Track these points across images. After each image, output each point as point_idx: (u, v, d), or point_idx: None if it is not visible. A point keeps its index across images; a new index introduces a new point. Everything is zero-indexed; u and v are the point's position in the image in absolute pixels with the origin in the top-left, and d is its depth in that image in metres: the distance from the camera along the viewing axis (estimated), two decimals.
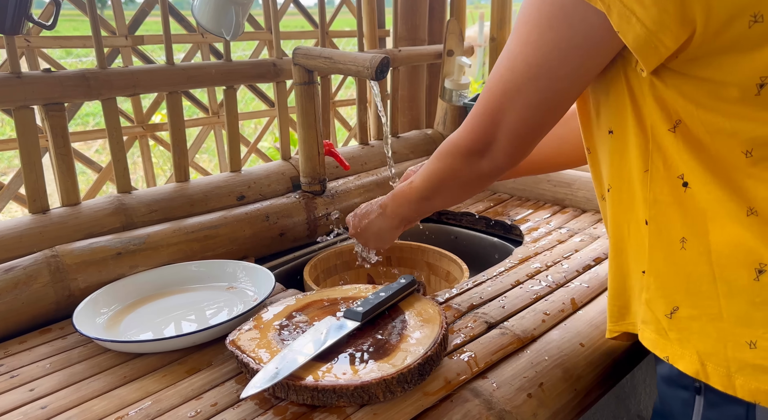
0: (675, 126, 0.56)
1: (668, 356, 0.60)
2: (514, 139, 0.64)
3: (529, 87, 0.59)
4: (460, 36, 1.54)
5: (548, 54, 0.56)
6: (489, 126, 0.64)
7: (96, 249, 0.92)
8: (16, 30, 0.89)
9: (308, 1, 6.06)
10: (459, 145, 0.69)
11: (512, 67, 0.60)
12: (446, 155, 0.72)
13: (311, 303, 0.82)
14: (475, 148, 0.67)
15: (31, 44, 1.57)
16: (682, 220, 0.58)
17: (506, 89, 0.61)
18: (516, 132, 0.63)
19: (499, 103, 0.62)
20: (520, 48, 0.58)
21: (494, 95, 0.62)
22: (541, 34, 0.56)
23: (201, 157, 4.07)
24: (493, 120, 0.63)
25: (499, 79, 0.62)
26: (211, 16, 1.06)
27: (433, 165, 0.75)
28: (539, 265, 1.00)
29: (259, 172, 1.23)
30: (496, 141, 0.65)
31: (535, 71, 0.58)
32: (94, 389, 0.70)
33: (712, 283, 0.56)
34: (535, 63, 0.57)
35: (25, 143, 0.95)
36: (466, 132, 0.68)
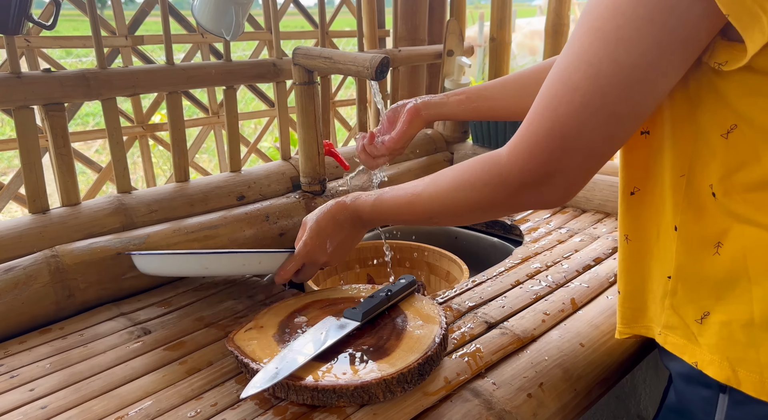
0: (728, 131, 0.53)
1: (697, 362, 0.59)
2: (588, 165, 0.54)
3: (618, 95, 0.50)
4: (460, 36, 1.54)
5: (647, 51, 0.48)
6: (557, 152, 0.53)
7: (96, 249, 0.92)
8: (16, 30, 0.89)
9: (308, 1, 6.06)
10: (510, 176, 0.57)
11: (595, 72, 0.50)
12: (486, 186, 0.60)
13: (311, 303, 0.82)
14: (533, 180, 0.56)
15: (31, 44, 1.57)
16: (714, 226, 0.56)
17: (586, 101, 0.51)
18: (591, 155, 0.53)
19: (575, 119, 0.52)
20: (605, 49, 0.49)
21: (566, 111, 0.52)
22: (639, 28, 0.48)
23: (201, 157, 4.07)
24: (564, 144, 0.53)
25: (572, 90, 0.51)
26: (211, 16, 1.06)
27: (462, 193, 0.63)
28: (539, 265, 1.00)
29: (259, 172, 1.23)
30: (564, 170, 0.54)
31: (627, 74, 0.49)
32: (94, 389, 0.70)
33: (747, 289, 0.55)
34: (629, 63, 0.49)
35: (25, 143, 0.95)
36: (521, 160, 0.56)
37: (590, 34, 0.51)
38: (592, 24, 0.51)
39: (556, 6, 1.49)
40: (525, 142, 0.55)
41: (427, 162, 1.44)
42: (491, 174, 0.59)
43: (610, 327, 0.82)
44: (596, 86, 0.50)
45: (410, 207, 0.70)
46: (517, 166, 0.56)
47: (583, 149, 0.53)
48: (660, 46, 0.48)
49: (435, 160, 1.48)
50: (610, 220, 1.21)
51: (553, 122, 0.53)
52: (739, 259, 0.55)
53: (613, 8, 0.49)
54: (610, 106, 0.51)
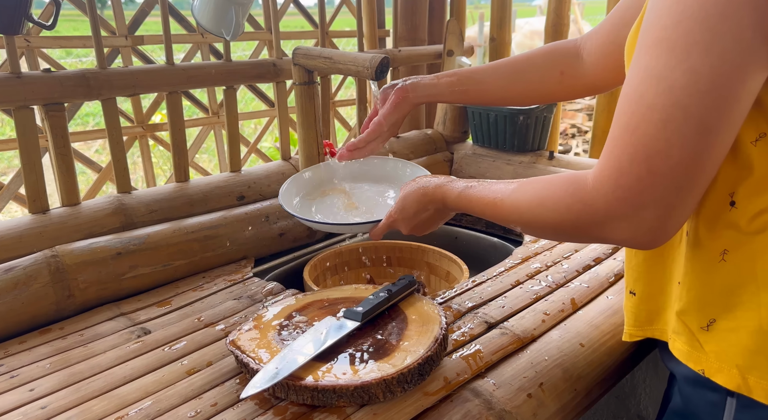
0: (758, 139, 0.50)
1: (704, 370, 0.58)
2: (683, 189, 0.48)
3: (701, 104, 0.45)
4: (459, 36, 1.54)
5: (725, 51, 0.44)
6: (645, 177, 0.47)
7: (96, 249, 0.92)
8: (16, 30, 0.89)
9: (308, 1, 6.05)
10: (594, 205, 0.52)
11: (669, 85, 0.45)
12: (568, 211, 0.55)
13: (311, 303, 0.82)
14: (622, 212, 0.50)
15: (31, 44, 1.57)
16: (723, 233, 0.55)
17: (666, 116, 0.46)
18: (687, 176, 0.47)
19: (659, 139, 0.46)
20: (674, 59, 0.45)
21: (646, 131, 0.47)
22: (712, 27, 0.43)
23: (201, 157, 4.07)
24: (651, 167, 0.47)
25: (648, 108, 0.47)
26: (211, 16, 1.06)
27: (542, 211, 0.58)
28: (539, 265, 1.00)
29: (259, 172, 1.23)
30: (657, 197, 0.48)
31: (708, 79, 0.44)
32: (94, 389, 0.70)
33: (755, 294, 0.54)
34: (706, 69, 0.44)
35: (25, 143, 0.95)
36: (607, 188, 0.50)
37: (656, 46, 0.47)
38: (657, 35, 0.47)
39: (556, 6, 1.49)
40: (610, 169, 0.50)
41: (427, 162, 1.44)
42: (575, 198, 0.54)
43: (610, 327, 0.82)
44: (673, 99, 0.46)
45: (492, 209, 0.67)
46: (602, 194, 0.51)
47: (675, 172, 0.47)
48: (741, 42, 0.44)
49: (435, 160, 1.48)
50: None
51: (635, 146, 0.48)
52: (748, 265, 0.54)
53: (678, 13, 0.45)
54: (695, 118, 0.45)
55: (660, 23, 0.47)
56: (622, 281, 0.94)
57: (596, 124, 1.53)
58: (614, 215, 0.51)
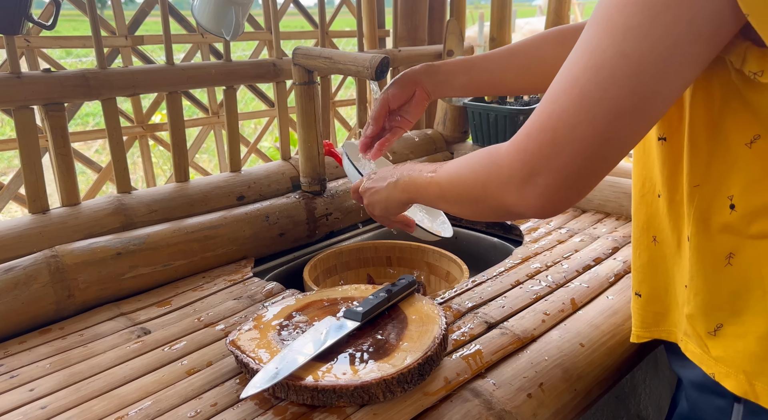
0: (752, 141, 0.50)
1: (714, 373, 0.58)
2: (580, 168, 0.49)
3: (621, 88, 0.45)
4: (459, 36, 1.54)
5: (657, 43, 0.43)
6: (547, 146, 0.49)
7: (96, 249, 0.92)
8: (16, 30, 0.89)
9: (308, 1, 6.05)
10: (500, 167, 0.54)
11: (598, 63, 0.46)
12: (482, 170, 0.57)
13: (311, 303, 0.82)
14: (519, 173, 0.52)
15: (31, 44, 1.57)
16: (727, 238, 0.54)
17: (584, 93, 0.46)
18: (585, 155, 0.48)
19: (569, 113, 0.47)
20: (611, 39, 0.45)
21: (562, 104, 0.48)
22: (652, 16, 0.43)
23: (201, 157, 4.07)
24: (555, 137, 0.48)
25: (572, 81, 0.47)
26: (211, 16, 1.06)
27: (465, 175, 0.61)
28: (539, 265, 1.00)
29: (259, 172, 1.23)
30: (551, 167, 0.49)
31: (634, 66, 0.44)
32: (94, 389, 0.70)
33: (762, 299, 0.53)
34: (635, 55, 0.44)
35: (25, 143, 0.95)
36: (514, 150, 0.52)
37: (599, 22, 0.47)
38: (602, 12, 0.47)
39: (556, 6, 1.49)
40: (522, 132, 0.52)
41: (427, 162, 1.44)
42: (490, 159, 0.56)
43: (610, 327, 0.82)
44: (597, 78, 0.46)
45: (428, 185, 0.68)
46: (509, 157, 0.53)
47: (575, 147, 0.48)
48: (673, 37, 0.43)
49: (435, 160, 1.48)
50: (610, 220, 1.21)
51: (550, 113, 0.49)
52: (754, 269, 0.54)
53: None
54: (611, 101, 0.46)
55: (606, 2, 0.47)
56: (622, 281, 0.94)
57: None
58: (514, 177, 0.52)
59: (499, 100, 1.53)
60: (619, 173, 1.31)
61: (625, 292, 0.91)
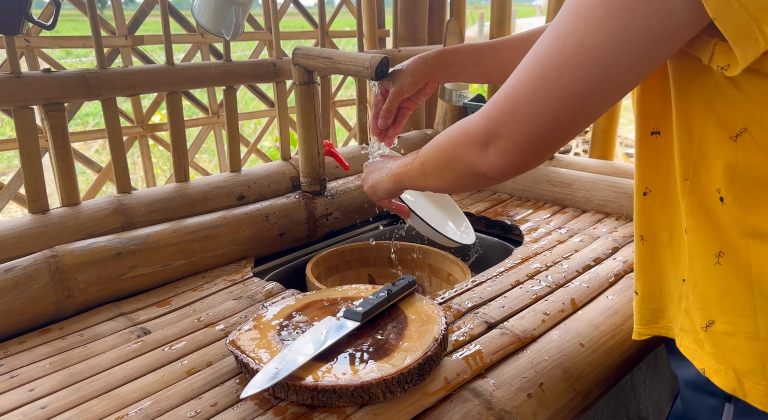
0: (738, 134, 0.51)
1: (705, 369, 0.58)
2: (533, 139, 0.54)
3: (574, 73, 0.49)
4: (459, 36, 1.54)
5: (612, 36, 0.47)
6: (507, 115, 0.54)
7: (96, 249, 0.92)
8: (16, 30, 0.89)
9: (308, 1, 6.06)
10: (468, 128, 0.60)
11: (558, 48, 0.50)
12: (454, 135, 0.63)
13: (311, 303, 0.82)
14: (482, 136, 0.57)
15: (31, 44, 1.57)
16: (718, 234, 0.55)
17: (543, 74, 0.51)
18: (538, 128, 0.53)
19: (528, 89, 0.52)
20: (573, 27, 0.49)
21: (524, 80, 0.53)
22: (609, 11, 0.46)
23: (201, 157, 4.07)
24: (514, 108, 0.54)
25: (535, 61, 0.52)
26: (211, 16, 1.06)
27: (441, 142, 0.66)
28: (539, 265, 1.00)
29: (259, 172, 1.23)
30: (508, 134, 0.55)
31: (588, 55, 0.48)
32: (94, 389, 0.70)
33: (750, 300, 0.54)
34: (591, 45, 0.48)
35: (25, 143, 0.95)
36: (480, 116, 0.58)
37: (566, 9, 0.51)
38: (571, 0, 0.50)
39: (556, 6, 1.49)
40: (490, 101, 0.57)
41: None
42: (461, 125, 0.61)
43: (610, 327, 0.82)
44: (555, 61, 0.50)
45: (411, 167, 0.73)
46: (475, 121, 0.58)
47: (530, 120, 0.53)
48: (627, 32, 0.47)
49: None
50: (610, 220, 1.21)
51: (512, 86, 0.54)
52: (743, 270, 0.54)
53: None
54: (564, 84, 0.50)
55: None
56: (622, 281, 0.94)
57: (596, 124, 1.53)
58: (476, 139, 0.58)
59: None
60: (619, 173, 1.31)
61: (625, 292, 0.91)
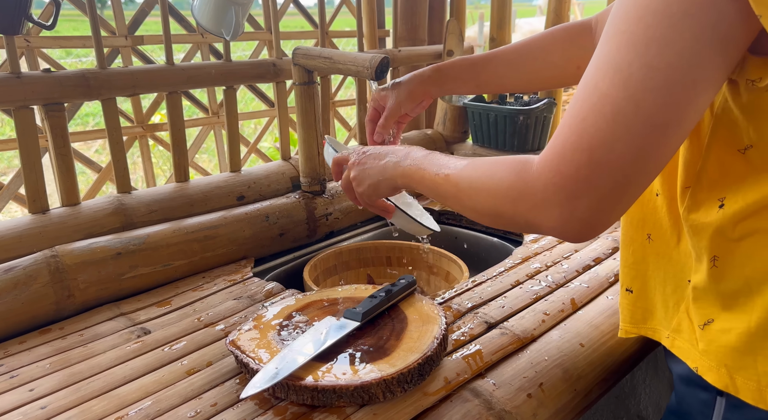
0: (746, 148, 0.51)
1: (698, 367, 0.59)
2: (622, 188, 0.47)
3: (653, 100, 0.44)
4: (459, 36, 1.54)
5: (683, 50, 0.43)
6: (584, 167, 0.47)
7: (96, 249, 0.92)
8: (16, 30, 0.89)
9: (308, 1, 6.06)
10: (535, 187, 0.51)
11: (624, 78, 0.45)
12: (511, 189, 0.54)
13: (311, 303, 0.82)
14: (557, 198, 0.49)
15: (31, 44, 1.57)
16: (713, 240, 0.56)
17: (617, 109, 0.45)
18: (626, 172, 0.47)
19: (605, 131, 0.46)
20: (634, 51, 0.45)
21: (595, 121, 0.46)
22: (673, 24, 0.43)
23: (201, 157, 4.07)
24: (592, 157, 0.46)
25: (600, 98, 0.46)
26: (211, 16, 1.06)
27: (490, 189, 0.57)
28: (539, 265, 1.00)
29: (259, 172, 1.23)
30: (592, 189, 0.48)
31: (663, 76, 0.44)
32: (93, 389, 0.70)
33: (749, 298, 0.54)
34: (663, 65, 0.43)
35: (25, 143, 0.95)
36: (548, 173, 0.50)
37: (618, 37, 0.46)
38: (620, 27, 0.46)
39: (556, 6, 1.49)
40: (553, 153, 0.50)
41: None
42: (518, 177, 0.53)
43: (610, 327, 0.82)
44: (627, 93, 0.45)
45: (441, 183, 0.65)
46: (542, 179, 0.50)
47: (615, 165, 0.46)
48: (699, 43, 0.43)
49: None
50: None
51: (581, 133, 0.47)
52: (738, 271, 0.55)
53: (643, 7, 0.45)
54: (645, 114, 0.45)
55: (624, 15, 0.46)
56: None
57: None
58: (549, 201, 0.50)
59: (498, 100, 1.53)
60: None
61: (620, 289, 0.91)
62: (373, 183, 0.74)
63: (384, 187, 0.74)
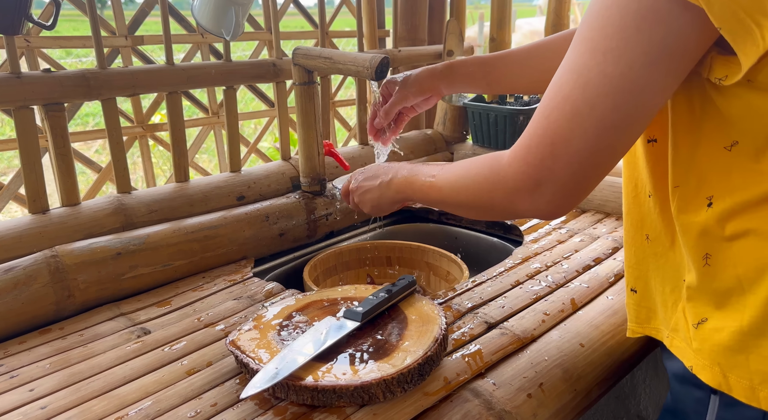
0: (732, 145, 0.53)
1: (692, 366, 0.60)
2: (580, 176, 0.54)
3: (605, 104, 0.50)
4: (459, 36, 1.54)
5: (634, 62, 0.48)
6: (548, 159, 0.54)
7: (96, 249, 0.92)
8: (16, 30, 0.89)
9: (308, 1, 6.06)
10: (506, 178, 0.58)
11: (584, 82, 0.51)
12: (485, 181, 0.61)
13: (311, 303, 0.82)
14: (525, 185, 0.56)
15: (31, 44, 1.57)
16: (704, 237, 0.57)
17: (575, 110, 0.51)
18: (582, 164, 0.53)
19: (564, 128, 0.52)
20: (594, 59, 0.50)
21: (557, 119, 0.53)
22: (626, 38, 0.48)
23: (201, 157, 4.07)
24: (554, 151, 0.53)
25: (563, 98, 0.52)
26: (211, 17, 1.06)
27: (468, 184, 0.64)
28: (539, 265, 1.00)
29: (259, 172, 1.23)
30: (554, 178, 0.54)
31: (615, 84, 0.49)
32: (93, 389, 0.70)
33: (742, 296, 0.55)
34: (616, 73, 0.49)
35: (25, 143, 0.95)
36: (516, 163, 0.57)
37: (582, 43, 0.51)
38: (585, 34, 0.51)
39: (556, 6, 1.49)
40: (521, 146, 0.56)
41: (427, 162, 1.45)
42: (492, 171, 0.60)
43: (610, 327, 0.82)
44: (585, 96, 0.51)
45: (427, 190, 0.71)
46: (512, 169, 0.57)
47: (573, 158, 0.53)
48: (647, 56, 0.48)
49: (435, 160, 1.48)
50: (610, 220, 1.21)
51: (545, 129, 0.54)
52: (730, 270, 0.56)
53: (604, 18, 0.49)
54: (598, 116, 0.51)
55: (590, 23, 0.51)
56: (622, 281, 0.94)
57: None
58: (519, 188, 0.57)
59: (499, 100, 1.53)
60: (619, 173, 1.31)
61: (624, 292, 0.91)
62: (375, 204, 0.82)
63: (385, 204, 0.81)
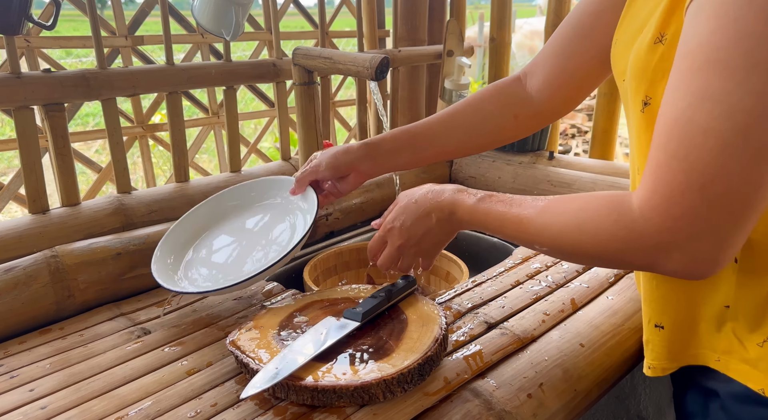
0: None
1: (763, 389, 0.56)
2: (742, 218, 0.45)
3: (763, 129, 0.43)
4: (459, 36, 1.54)
5: None
6: (700, 207, 0.45)
7: (96, 249, 0.92)
8: (16, 30, 0.89)
9: (308, 2, 6.06)
10: (644, 235, 0.48)
11: (726, 109, 0.43)
12: (613, 239, 0.51)
13: (311, 303, 0.82)
14: (675, 242, 0.47)
15: (31, 44, 1.58)
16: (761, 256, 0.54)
17: (724, 142, 0.43)
18: (745, 204, 0.45)
19: (714, 166, 0.44)
20: (732, 80, 0.43)
21: (700, 158, 0.44)
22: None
23: (201, 157, 4.07)
24: (705, 196, 0.44)
25: (700, 133, 0.44)
26: (211, 17, 1.07)
27: (582, 236, 0.54)
28: (539, 265, 1.00)
29: (259, 172, 1.23)
30: (713, 228, 0.45)
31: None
32: (94, 389, 0.70)
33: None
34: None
35: (25, 143, 0.95)
36: (658, 218, 0.47)
37: (708, 68, 0.44)
38: (707, 57, 0.44)
39: (556, 6, 1.49)
40: (659, 197, 0.47)
41: (425, 168, 1.44)
42: (619, 225, 0.50)
43: (610, 327, 0.82)
44: (732, 123, 0.43)
45: (516, 227, 0.61)
46: (651, 224, 0.48)
47: (731, 200, 0.45)
48: None
49: (432, 166, 1.48)
50: None
51: (688, 173, 0.45)
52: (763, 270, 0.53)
53: (736, 32, 0.43)
54: (755, 144, 0.43)
55: (711, 44, 0.44)
56: (622, 281, 0.94)
57: (596, 125, 1.53)
58: (666, 246, 0.48)
59: None
60: (619, 173, 1.31)
61: (625, 292, 0.91)
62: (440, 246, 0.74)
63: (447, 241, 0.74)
